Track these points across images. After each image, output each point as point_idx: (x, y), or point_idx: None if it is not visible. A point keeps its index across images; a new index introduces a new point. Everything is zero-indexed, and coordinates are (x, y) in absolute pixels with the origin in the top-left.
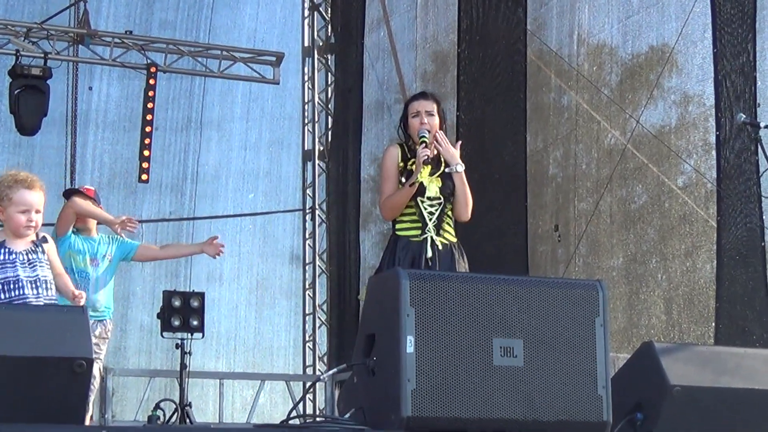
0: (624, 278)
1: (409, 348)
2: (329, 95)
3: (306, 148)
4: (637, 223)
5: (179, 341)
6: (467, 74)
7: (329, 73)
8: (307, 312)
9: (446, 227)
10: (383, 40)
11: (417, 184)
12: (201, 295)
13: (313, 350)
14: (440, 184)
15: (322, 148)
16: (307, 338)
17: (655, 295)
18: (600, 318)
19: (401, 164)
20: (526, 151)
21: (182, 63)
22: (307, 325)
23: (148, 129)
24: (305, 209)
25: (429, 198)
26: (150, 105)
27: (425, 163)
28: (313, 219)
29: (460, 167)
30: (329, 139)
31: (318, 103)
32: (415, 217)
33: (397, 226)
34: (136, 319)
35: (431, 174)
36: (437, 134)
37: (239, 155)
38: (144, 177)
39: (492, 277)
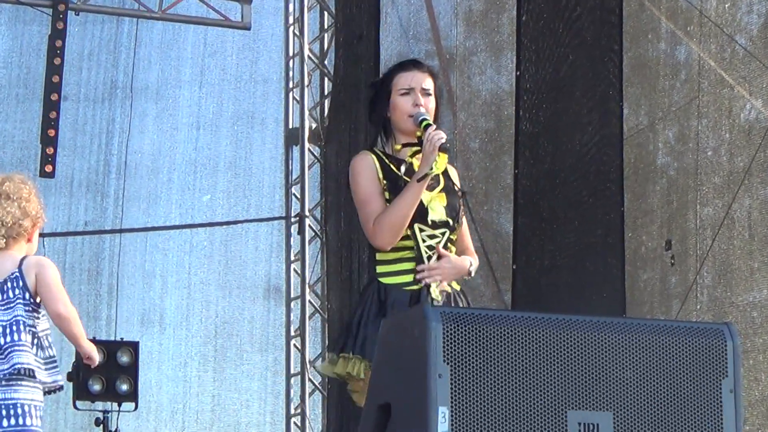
0: None
1: (442, 425)
2: (326, 47)
3: (291, 126)
4: None
5: (100, 415)
6: (533, 15)
7: (326, 13)
8: (292, 372)
9: None
10: None
11: (428, 179)
12: (133, 347)
13: (302, 429)
14: (445, 203)
15: (315, 126)
16: (292, 411)
17: None
18: (729, 380)
19: (383, 180)
20: (621, 129)
21: None
22: (292, 392)
23: (53, 98)
24: (289, 217)
25: (433, 222)
26: (56, 61)
27: (443, 148)
28: (301, 232)
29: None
30: (326, 112)
31: (309, 58)
32: (407, 253)
33: (380, 268)
34: None
35: (430, 186)
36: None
37: (188, 137)
38: (48, 168)
39: (567, 318)
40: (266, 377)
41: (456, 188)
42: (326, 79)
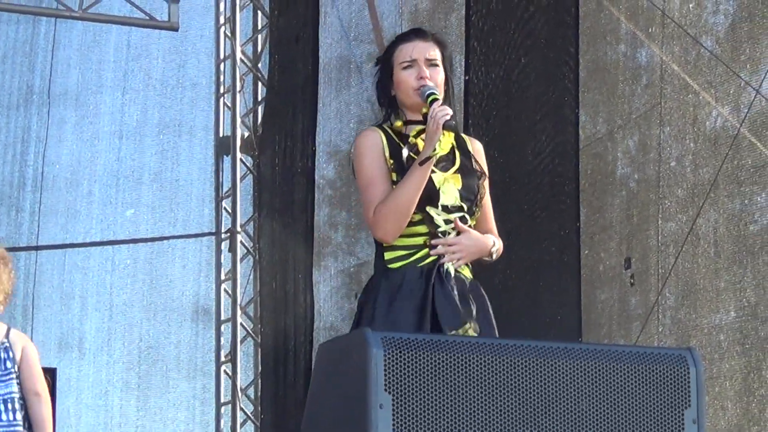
0: (738, 344)
1: None
2: (260, 49)
3: (221, 135)
4: (759, 255)
5: None
6: (483, 15)
7: (260, 13)
8: (222, 400)
9: None
10: None
11: (433, 161)
12: (50, 374)
13: None
14: (460, 185)
15: (247, 135)
16: None
17: None
18: (692, 410)
19: (390, 160)
20: (578, 138)
21: None
22: (222, 422)
23: None
24: (220, 233)
25: (445, 207)
26: None
27: (448, 126)
28: (233, 249)
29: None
30: (260, 120)
31: (242, 61)
32: (419, 240)
33: (388, 254)
34: None
35: (443, 167)
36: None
37: (110, 147)
38: None
39: (518, 344)
40: (194, 406)
41: (476, 168)
42: (260, 83)
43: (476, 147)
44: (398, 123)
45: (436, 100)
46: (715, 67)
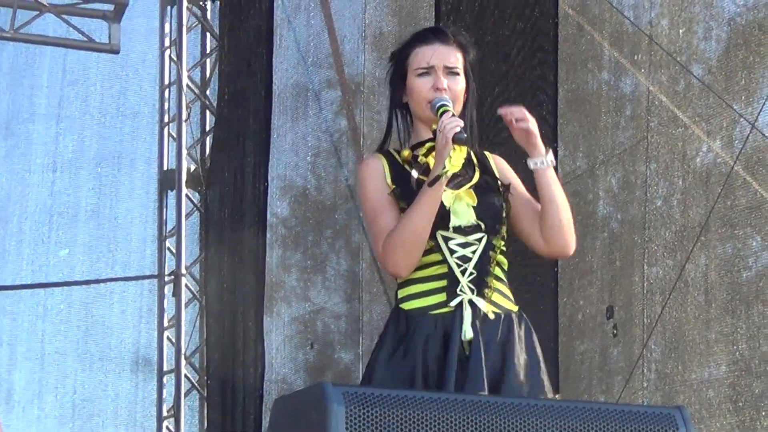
0: (729, 401)
1: None
2: (208, 75)
3: (165, 168)
4: (754, 304)
5: None
6: None
7: (209, 35)
8: None
9: (496, 283)
10: None
11: (444, 182)
12: None
13: None
14: (475, 202)
15: (194, 168)
16: None
17: None
18: None
19: (392, 185)
20: (557, 173)
21: None
22: None
23: None
24: (163, 276)
25: (458, 229)
26: None
27: (457, 140)
28: (176, 293)
29: (549, 160)
30: (208, 152)
31: (189, 87)
32: (436, 269)
33: (402, 292)
34: None
35: (456, 184)
36: (524, 116)
37: (43, 181)
38: None
39: (490, 400)
40: None
41: (498, 183)
42: (208, 112)
43: (498, 161)
44: (405, 152)
45: (446, 111)
46: (707, 97)
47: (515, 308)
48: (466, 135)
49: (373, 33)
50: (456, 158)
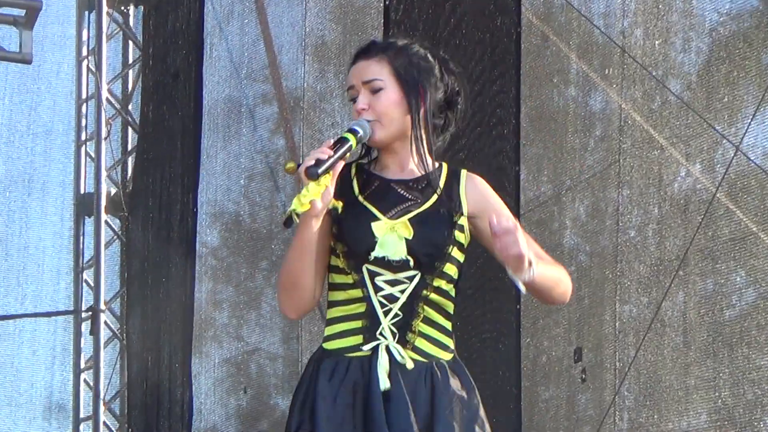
0: None
1: None
2: (131, 88)
3: (82, 192)
4: (738, 347)
5: None
6: None
7: (131, 44)
8: None
9: (425, 327)
10: None
11: (306, 224)
12: None
13: None
14: (410, 234)
15: (115, 192)
16: None
17: None
18: None
19: (337, 202)
20: (518, 201)
21: None
22: None
23: None
24: (79, 312)
25: (386, 265)
26: None
27: (309, 174)
28: (95, 331)
29: (533, 272)
30: (130, 173)
31: (108, 102)
32: (353, 309)
33: (327, 329)
34: None
35: (398, 212)
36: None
37: None
38: None
39: None
40: None
41: (453, 212)
42: (130, 129)
43: (472, 185)
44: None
45: (340, 141)
46: (686, 116)
47: (448, 356)
48: (319, 169)
49: (314, 42)
50: (306, 195)
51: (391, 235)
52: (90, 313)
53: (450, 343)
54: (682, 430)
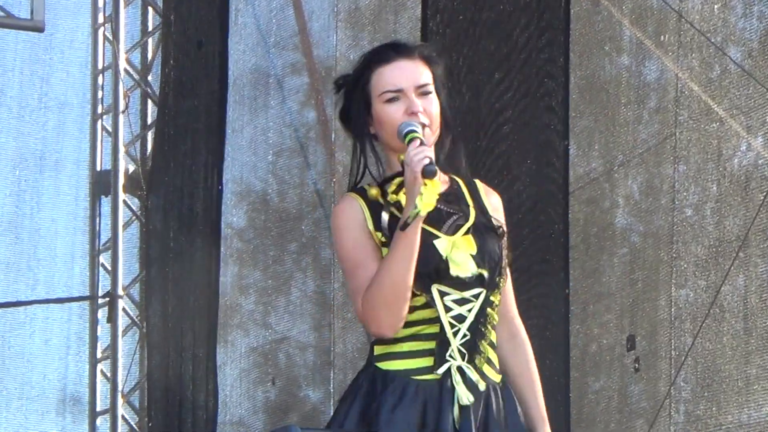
0: None
1: None
2: (150, 57)
3: (99, 170)
4: None
5: None
6: (443, 15)
7: (151, 10)
8: None
9: (489, 349)
10: None
11: (418, 224)
12: None
13: None
14: (474, 249)
15: (133, 170)
16: None
17: None
18: None
19: (376, 233)
20: (567, 178)
21: None
22: None
23: None
24: (96, 298)
25: (455, 284)
26: None
27: (427, 173)
28: (112, 319)
29: None
30: (150, 149)
31: (127, 72)
32: (424, 328)
33: (379, 349)
34: None
35: (450, 227)
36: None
37: None
38: None
39: None
40: None
41: (494, 223)
42: (150, 102)
43: (492, 201)
44: (373, 191)
45: (413, 139)
46: (747, 86)
47: (498, 378)
48: (435, 168)
49: (347, 8)
50: (428, 195)
51: (459, 252)
52: (107, 299)
53: (497, 362)
54: (742, 423)
